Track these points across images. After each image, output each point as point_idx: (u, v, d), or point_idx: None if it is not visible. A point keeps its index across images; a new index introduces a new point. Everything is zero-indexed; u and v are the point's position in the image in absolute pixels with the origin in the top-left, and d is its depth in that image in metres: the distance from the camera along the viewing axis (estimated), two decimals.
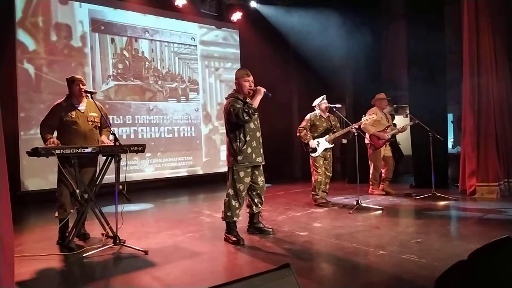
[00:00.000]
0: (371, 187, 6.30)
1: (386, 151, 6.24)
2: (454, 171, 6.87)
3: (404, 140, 8.43)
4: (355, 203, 5.05)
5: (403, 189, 6.53)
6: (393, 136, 6.62)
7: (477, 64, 5.66)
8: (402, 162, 8.88)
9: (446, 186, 6.43)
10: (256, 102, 3.65)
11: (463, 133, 5.93)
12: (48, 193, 5.61)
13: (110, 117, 7.04)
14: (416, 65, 6.98)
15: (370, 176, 6.26)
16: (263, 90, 3.70)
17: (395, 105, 7.22)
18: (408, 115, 6.21)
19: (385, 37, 8.60)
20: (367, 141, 6.16)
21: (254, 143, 3.74)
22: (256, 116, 3.79)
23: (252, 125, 3.74)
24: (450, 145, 8.28)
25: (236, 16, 8.59)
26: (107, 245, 3.52)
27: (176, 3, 7.64)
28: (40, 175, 6.20)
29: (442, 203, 5.31)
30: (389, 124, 6.26)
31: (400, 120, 8.05)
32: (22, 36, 6.34)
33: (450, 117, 7.61)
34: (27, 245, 3.84)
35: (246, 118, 3.55)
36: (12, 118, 6.13)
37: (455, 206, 5.16)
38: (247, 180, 3.75)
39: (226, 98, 3.85)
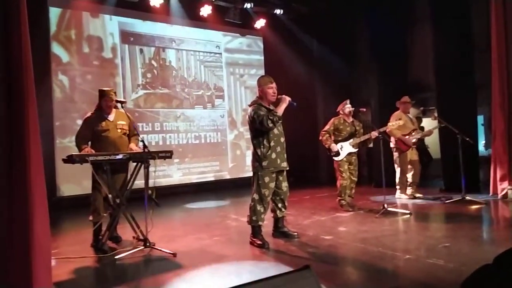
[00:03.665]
0: (398, 191, 6.21)
1: (412, 154, 6.14)
2: (486, 174, 6.67)
3: (433, 143, 8.26)
4: (381, 207, 5.01)
5: (432, 193, 6.39)
6: (420, 139, 6.51)
7: (506, 64, 5.51)
8: (431, 166, 8.69)
9: (477, 190, 6.25)
10: (280, 110, 3.72)
11: (494, 135, 5.77)
12: (82, 198, 5.86)
13: (140, 124, 7.30)
14: (443, 66, 6.85)
15: (397, 180, 6.18)
16: (288, 99, 3.77)
17: (422, 108, 7.12)
18: (436, 118, 6.10)
19: (410, 39, 8.48)
20: (392, 145, 6.10)
21: (278, 148, 3.80)
22: (280, 122, 3.86)
23: (276, 131, 3.80)
24: (481, 148, 8.05)
25: (260, 23, 8.69)
26: (138, 247, 3.65)
27: (201, 13, 7.83)
28: (74, 181, 6.48)
29: (472, 207, 5.18)
30: (415, 128, 6.16)
31: (429, 123, 7.90)
32: (56, 48, 6.68)
33: (480, 118, 7.41)
34: (62, 248, 4.03)
35: (270, 125, 3.63)
36: (48, 127, 6.45)
37: (486, 210, 5.02)
38: (272, 185, 3.81)
39: (250, 105, 3.95)
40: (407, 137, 5.96)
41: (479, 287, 1.98)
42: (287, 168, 3.95)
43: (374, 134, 5.18)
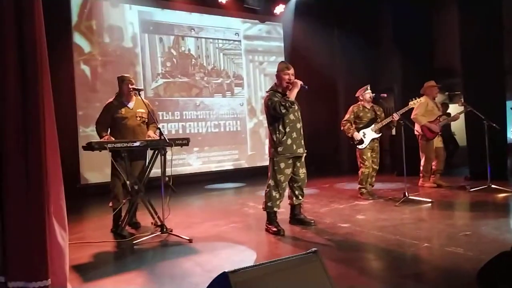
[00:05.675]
0: (421, 179, 6.05)
1: (437, 142, 5.95)
2: None
3: (459, 130, 8.00)
4: (402, 195, 4.89)
5: (457, 182, 6.21)
6: (446, 126, 6.29)
7: None
8: (457, 154, 8.43)
9: (504, 178, 6.02)
10: (292, 95, 3.70)
11: None
12: (105, 185, 5.97)
13: (160, 113, 7.38)
14: (470, 50, 6.56)
15: (421, 168, 6.02)
16: (299, 83, 3.73)
17: (447, 93, 6.87)
18: (463, 103, 5.86)
19: (436, 21, 8.15)
20: (417, 132, 5.93)
21: (294, 134, 3.76)
22: (296, 108, 3.83)
23: (292, 117, 3.77)
24: (510, 134, 7.73)
25: (279, 9, 8.57)
26: (156, 233, 3.72)
27: (219, 0, 7.78)
28: (97, 169, 6.64)
29: (498, 195, 5.00)
30: (441, 114, 5.96)
31: (455, 109, 7.63)
32: (78, 39, 6.81)
33: (509, 104, 7.09)
34: (85, 232, 4.17)
35: (283, 111, 3.61)
36: (71, 116, 6.63)
37: None
38: (288, 171, 3.78)
39: (267, 92, 3.93)
40: (433, 124, 5.78)
41: (496, 274, 1.91)
42: (304, 154, 3.91)
43: (395, 116, 5.05)
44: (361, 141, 5.25)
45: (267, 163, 3.93)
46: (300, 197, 3.98)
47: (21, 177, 2.12)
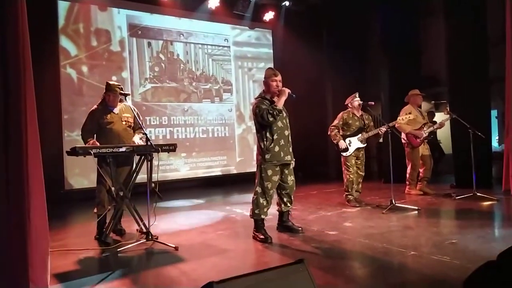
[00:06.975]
0: (408, 187, 6.10)
1: (424, 149, 6.01)
2: (499, 170, 6.51)
3: (445, 138, 8.10)
4: (389, 203, 4.91)
5: (443, 189, 6.25)
6: (432, 133, 6.36)
7: None
8: (443, 161, 8.53)
9: (489, 186, 6.10)
10: (280, 103, 3.69)
11: (507, 130, 5.61)
12: (90, 191, 5.87)
13: (147, 118, 7.31)
14: (456, 60, 6.67)
15: (407, 175, 6.06)
16: (287, 91, 3.73)
17: (433, 102, 6.96)
18: (449, 112, 5.93)
19: (423, 32, 8.29)
20: (403, 140, 5.98)
21: (282, 142, 3.75)
22: (285, 115, 3.82)
23: (280, 124, 3.76)
24: (495, 143, 7.86)
25: (269, 15, 8.61)
26: (141, 240, 3.65)
27: (209, 6, 7.78)
28: (83, 174, 6.53)
29: (483, 203, 5.05)
30: (425, 122, 6.02)
31: (441, 117, 7.73)
32: (64, 42, 6.72)
33: (494, 113, 7.22)
34: (69, 239, 4.08)
35: (271, 119, 3.60)
36: (56, 120, 6.51)
37: (497, 207, 4.89)
38: (275, 178, 3.76)
39: (255, 99, 3.91)
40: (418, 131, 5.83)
41: (482, 284, 1.90)
42: (292, 162, 3.89)
43: (382, 129, 5.09)
44: (345, 149, 5.26)
45: (255, 169, 3.90)
46: (289, 204, 3.96)
47: (1, 184, 2.06)
